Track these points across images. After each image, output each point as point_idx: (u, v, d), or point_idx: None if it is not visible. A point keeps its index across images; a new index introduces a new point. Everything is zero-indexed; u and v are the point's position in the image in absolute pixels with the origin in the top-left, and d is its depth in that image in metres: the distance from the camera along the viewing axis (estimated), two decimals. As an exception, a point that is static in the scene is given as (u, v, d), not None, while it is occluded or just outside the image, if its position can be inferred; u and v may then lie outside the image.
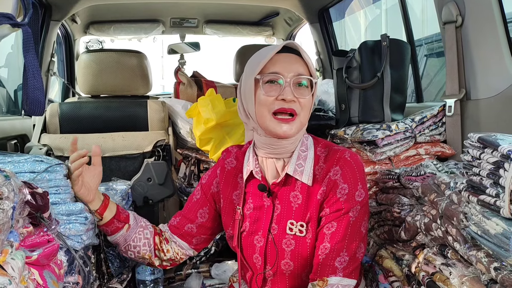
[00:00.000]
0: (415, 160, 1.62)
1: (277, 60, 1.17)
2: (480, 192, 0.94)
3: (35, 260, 0.93)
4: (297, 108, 1.16)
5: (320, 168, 1.21)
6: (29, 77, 0.95)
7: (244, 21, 3.27)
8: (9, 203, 0.78)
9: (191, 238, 1.39)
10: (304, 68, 1.18)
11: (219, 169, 1.36)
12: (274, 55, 1.16)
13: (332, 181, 1.17)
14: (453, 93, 1.57)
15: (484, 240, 0.91)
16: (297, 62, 1.18)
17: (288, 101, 1.14)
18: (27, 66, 0.97)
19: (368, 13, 6.50)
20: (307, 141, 1.25)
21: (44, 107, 1.05)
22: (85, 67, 2.27)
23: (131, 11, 2.94)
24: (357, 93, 1.81)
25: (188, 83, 2.38)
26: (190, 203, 1.40)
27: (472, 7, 1.47)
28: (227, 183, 1.33)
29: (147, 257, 1.38)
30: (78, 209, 1.24)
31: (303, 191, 1.21)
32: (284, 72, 1.15)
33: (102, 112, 2.11)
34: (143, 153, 2.02)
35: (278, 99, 1.15)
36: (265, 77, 1.16)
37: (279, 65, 1.16)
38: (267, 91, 1.16)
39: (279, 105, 1.15)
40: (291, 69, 1.16)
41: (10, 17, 0.82)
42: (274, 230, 1.22)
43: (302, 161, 1.21)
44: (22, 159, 1.21)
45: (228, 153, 1.38)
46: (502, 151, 0.88)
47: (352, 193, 1.16)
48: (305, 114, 1.19)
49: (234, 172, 1.33)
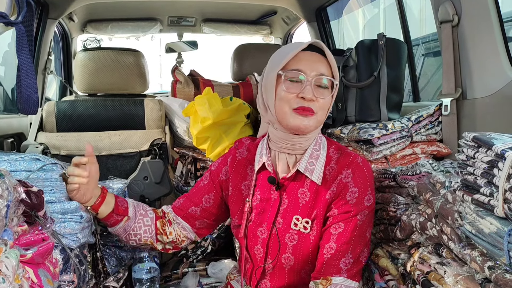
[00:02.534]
0: (411, 159, 1.63)
1: (301, 58, 1.17)
2: (475, 191, 0.94)
3: (29, 259, 0.93)
4: (315, 108, 1.16)
5: (331, 169, 1.22)
6: (23, 75, 0.95)
7: (241, 20, 3.27)
8: (3, 201, 0.78)
9: (194, 220, 1.40)
10: (327, 69, 1.19)
11: (230, 158, 1.37)
12: (298, 53, 1.17)
13: (343, 183, 1.19)
14: (449, 92, 1.57)
15: (479, 239, 0.91)
16: (320, 61, 1.18)
17: (307, 99, 1.15)
18: (20, 64, 0.97)
19: (366, 12, 6.51)
20: (321, 141, 1.27)
21: (38, 106, 1.04)
22: (82, 65, 2.26)
23: (128, 9, 2.94)
24: (353, 92, 1.81)
25: (185, 81, 2.38)
26: (197, 187, 1.41)
27: (469, 7, 1.47)
28: (237, 172, 1.34)
29: (149, 243, 1.39)
30: (73, 208, 1.24)
31: (311, 189, 1.22)
32: (306, 70, 1.16)
33: (99, 110, 2.11)
34: (140, 152, 2.02)
35: (298, 96, 1.16)
36: (288, 74, 1.17)
37: (302, 62, 1.17)
38: (288, 88, 1.16)
39: (299, 103, 1.16)
40: (313, 68, 1.16)
41: (3, 16, 0.82)
42: (279, 223, 1.23)
43: (314, 160, 1.23)
44: (18, 157, 1.21)
45: (240, 143, 1.40)
46: (496, 151, 0.88)
47: (361, 198, 1.17)
48: (322, 114, 1.20)
49: (245, 162, 1.34)
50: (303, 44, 1.18)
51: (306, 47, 1.18)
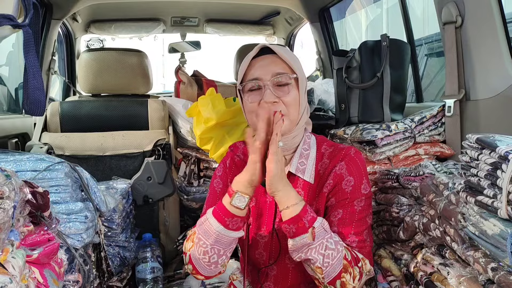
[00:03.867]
0: (414, 160, 1.63)
1: (254, 65, 1.18)
2: (478, 193, 0.95)
3: (35, 259, 0.93)
4: (282, 108, 1.16)
5: (324, 164, 1.23)
6: (30, 77, 0.96)
7: (244, 20, 3.28)
8: (10, 202, 0.79)
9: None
10: (282, 66, 1.18)
11: (229, 160, 1.37)
12: (252, 61, 1.18)
13: (338, 174, 1.19)
14: (452, 93, 1.57)
15: (482, 240, 0.91)
16: (273, 62, 1.18)
17: (269, 103, 1.15)
18: (27, 66, 0.97)
19: (369, 12, 6.50)
20: (309, 139, 1.27)
21: (45, 108, 1.05)
22: (86, 66, 2.27)
23: (132, 9, 2.94)
24: (357, 93, 1.81)
25: (189, 82, 2.38)
26: (214, 195, 1.35)
27: (472, 8, 1.47)
28: (235, 175, 1.33)
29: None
30: (78, 208, 1.25)
31: (305, 188, 1.22)
32: (261, 75, 1.16)
33: (103, 111, 2.12)
34: (143, 152, 2.03)
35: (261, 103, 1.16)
36: (246, 85, 1.18)
37: (257, 70, 1.18)
38: (251, 98, 1.18)
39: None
40: (268, 70, 1.16)
41: (11, 18, 0.83)
42: (278, 225, 1.23)
43: (305, 160, 1.23)
44: (24, 158, 1.22)
45: (235, 148, 1.40)
46: (499, 152, 0.88)
47: (357, 185, 1.17)
48: (294, 111, 1.18)
49: (241, 165, 1.34)
50: (253, 52, 1.19)
51: (258, 52, 1.19)
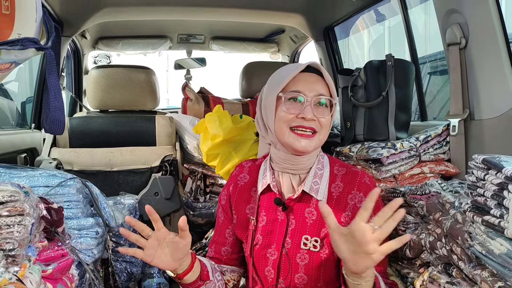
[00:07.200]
0: (420, 179, 1.64)
1: (300, 79, 1.20)
2: (485, 212, 0.96)
3: (49, 274, 0.95)
4: (317, 127, 1.20)
5: (337, 186, 1.25)
6: (51, 98, 0.99)
7: (250, 37, 3.33)
8: (30, 219, 0.81)
9: (233, 260, 1.38)
10: (325, 89, 1.22)
11: (232, 186, 1.38)
12: (297, 74, 1.20)
13: (357, 207, 1.21)
14: (457, 113, 1.60)
15: (489, 259, 0.92)
16: (318, 82, 1.21)
17: (308, 119, 1.18)
18: (50, 87, 1.01)
19: (372, 32, 6.57)
20: (323, 159, 1.29)
21: (64, 127, 1.07)
22: (95, 82, 2.30)
23: (140, 27, 3.00)
24: (362, 111, 1.83)
25: (196, 99, 2.41)
26: (218, 227, 1.40)
27: (476, 30, 1.50)
28: (240, 199, 1.35)
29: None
30: (90, 224, 1.26)
31: (317, 207, 1.23)
32: (305, 91, 1.19)
33: (111, 127, 2.14)
34: (151, 168, 2.05)
35: (298, 117, 1.19)
36: (287, 95, 1.20)
37: (301, 84, 1.20)
38: (288, 109, 1.19)
39: (299, 122, 1.19)
40: (312, 88, 1.19)
41: (36, 41, 0.86)
42: (288, 244, 1.24)
43: (318, 179, 1.25)
44: (36, 173, 1.24)
45: (241, 168, 1.41)
46: (506, 173, 0.90)
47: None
48: (324, 133, 1.22)
49: (248, 186, 1.36)
50: (301, 65, 1.22)
51: (304, 68, 1.22)
